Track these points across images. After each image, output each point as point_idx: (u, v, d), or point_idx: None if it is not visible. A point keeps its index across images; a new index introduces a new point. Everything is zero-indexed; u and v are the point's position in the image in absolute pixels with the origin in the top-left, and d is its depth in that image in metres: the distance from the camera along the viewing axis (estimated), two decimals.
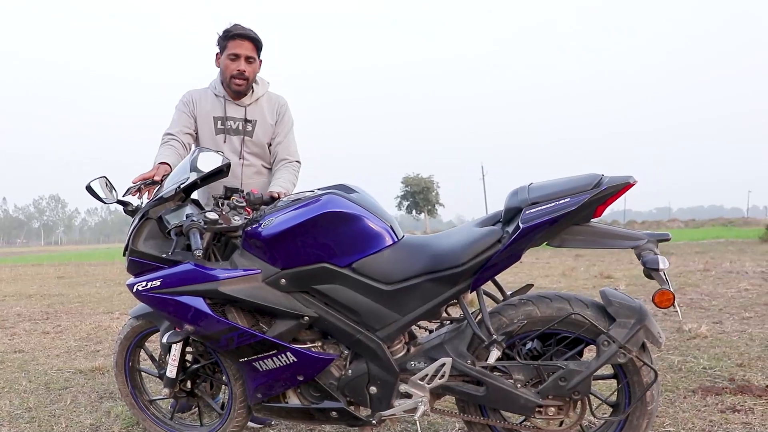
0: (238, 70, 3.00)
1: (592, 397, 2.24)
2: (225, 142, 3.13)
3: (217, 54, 3.10)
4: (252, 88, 3.14)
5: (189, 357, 2.75)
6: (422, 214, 68.99)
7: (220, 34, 3.05)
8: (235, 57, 3.00)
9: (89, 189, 2.56)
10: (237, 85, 3.04)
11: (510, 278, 9.35)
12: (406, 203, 69.24)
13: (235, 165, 3.03)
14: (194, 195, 2.66)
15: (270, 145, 3.23)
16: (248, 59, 3.02)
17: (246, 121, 3.14)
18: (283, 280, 2.29)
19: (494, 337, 2.17)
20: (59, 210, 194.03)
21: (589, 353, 2.20)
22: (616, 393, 2.29)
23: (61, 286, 12.02)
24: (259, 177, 3.23)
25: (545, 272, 10.65)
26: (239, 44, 2.99)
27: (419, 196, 67.80)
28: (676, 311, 2.07)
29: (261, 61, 3.11)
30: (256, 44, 3.04)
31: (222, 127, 3.14)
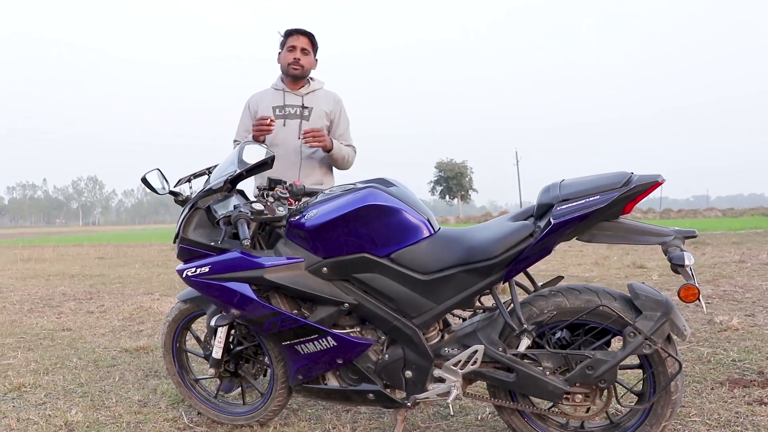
0: (294, 58, 3.44)
1: (618, 386, 2.33)
2: (284, 125, 3.43)
3: (278, 52, 3.54)
4: (309, 81, 3.56)
5: (233, 339, 2.90)
6: (455, 200, 68.83)
7: (281, 33, 3.53)
8: (293, 48, 3.46)
9: (144, 180, 2.73)
10: (294, 70, 3.46)
11: (543, 266, 9.37)
12: (439, 188, 69.11)
13: (296, 145, 3.40)
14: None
15: (328, 133, 3.52)
16: (303, 50, 3.47)
17: (303, 107, 3.46)
18: (325, 269, 2.42)
19: (525, 326, 2.27)
20: (97, 191, 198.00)
21: (617, 344, 2.29)
22: (641, 382, 2.38)
23: (102, 266, 12.38)
24: (317, 154, 3.50)
25: (578, 261, 10.64)
26: (296, 38, 3.47)
27: (453, 181, 67.61)
28: (701, 306, 2.14)
29: (317, 60, 3.58)
30: (312, 39, 3.50)
31: (281, 113, 3.45)
